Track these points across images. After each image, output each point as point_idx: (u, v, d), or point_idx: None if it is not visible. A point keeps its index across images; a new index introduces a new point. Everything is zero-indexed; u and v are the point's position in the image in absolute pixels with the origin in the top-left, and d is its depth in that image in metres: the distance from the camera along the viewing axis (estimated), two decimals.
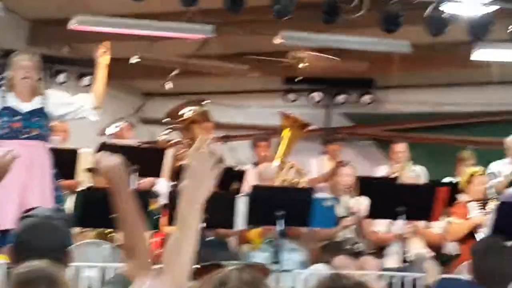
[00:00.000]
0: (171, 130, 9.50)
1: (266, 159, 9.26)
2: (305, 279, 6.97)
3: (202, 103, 9.55)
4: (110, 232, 6.97)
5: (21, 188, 5.88)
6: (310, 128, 9.86)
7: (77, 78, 10.98)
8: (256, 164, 9.26)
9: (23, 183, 5.89)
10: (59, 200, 6.16)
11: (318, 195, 7.79)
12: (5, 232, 5.80)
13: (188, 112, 9.41)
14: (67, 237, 2.71)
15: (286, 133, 9.65)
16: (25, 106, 6.15)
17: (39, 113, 6.17)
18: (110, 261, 6.53)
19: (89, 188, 6.88)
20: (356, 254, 7.55)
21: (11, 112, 6.09)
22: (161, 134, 9.51)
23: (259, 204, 7.00)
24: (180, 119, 9.36)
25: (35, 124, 6.11)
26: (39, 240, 2.64)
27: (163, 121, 9.62)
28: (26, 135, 6.07)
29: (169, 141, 9.35)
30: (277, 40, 9.12)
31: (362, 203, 7.72)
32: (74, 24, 8.87)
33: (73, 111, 6.43)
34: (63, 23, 9.29)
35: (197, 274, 2.44)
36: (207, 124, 9.78)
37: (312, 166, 9.56)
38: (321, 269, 7.15)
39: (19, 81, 6.18)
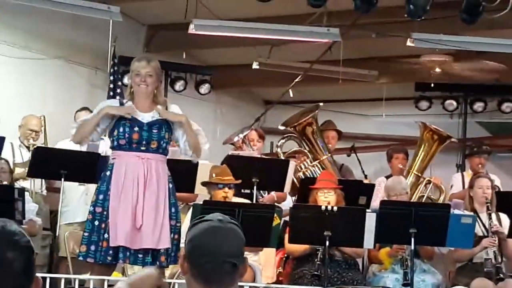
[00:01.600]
0: (287, 139, 9.45)
1: (402, 172, 9.04)
2: None
3: (317, 107, 9.46)
4: None
5: (134, 203, 5.81)
6: (451, 140, 9.55)
7: (196, 86, 11.07)
8: (389, 177, 9.08)
9: (137, 198, 5.82)
10: (175, 216, 6.08)
11: (456, 211, 7.54)
12: (116, 248, 5.85)
13: (304, 119, 9.35)
14: (243, 242, 2.68)
15: (424, 146, 9.38)
16: (144, 117, 5.99)
17: (159, 124, 5.99)
18: None
19: (205, 202, 6.84)
20: (497, 278, 7.26)
21: (130, 122, 5.93)
22: (277, 144, 9.48)
23: (389, 220, 6.81)
24: (294, 124, 9.29)
25: (155, 136, 5.94)
26: (216, 244, 2.61)
27: (279, 127, 9.58)
28: (144, 148, 5.92)
29: (286, 152, 9.31)
30: (409, 43, 8.93)
31: (504, 221, 7.44)
32: (192, 29, 8.93)
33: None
34: (181, 28, 9.39)
35: None
36: (330, 133, 9.68)
37: (454, 181, 9.30)
38: None
39: (137, 88, 6.02)
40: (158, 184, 5.89)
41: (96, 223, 5.88)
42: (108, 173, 5.94)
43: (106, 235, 5.82)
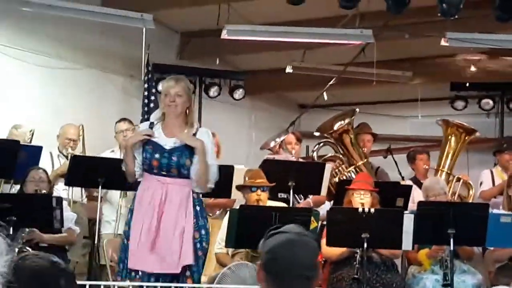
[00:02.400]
0: (323, 144, 9.45)
1: (427, 173, 9.06)
2: None
3: (354, 113, 9.46)
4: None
5: (152, 227, 5.77)
6: (479, 136, 9.55)
7: (230, 91, 11.11)
8: (414, 179, 9.09)
9: (155, 223, 5.78)
10: (205, 238, 5.90)
11: (495, 210, 7.51)
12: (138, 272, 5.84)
13: (340, 124, 9.35)
14: (317, 254, 2.78)
15: (450, 143, 9.40)
16: (167, 142, 5.89)
17: (181, 151, 5.87)
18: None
19: (241, 207, 6.87)
20: None
21: (152, 148, 5.87)
22: (313, 149, 9.49)
23: (427, 221, 6.81)
24: (330, 131, 9.31)
25: (173, 163, 5.84)
26: (293, 256, 2.68)
27: (314, 134, 9.59)
28: (164, 173, 5.84)
29: (322, 156, 9.32)
30: (443, 43, 8.91)
31: None
32: (225, 35, 8.98)
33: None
34: (214, 35, 9.45)
35: None
36: (365, 136, 9.68)
37: (483, 177, 9.26)
38: None
39: (167, 109, 5.93)
40: (178, 208, 5.81)
41: (125, 241, 5.94)
42: (137, 193, 5.99)
43: None
